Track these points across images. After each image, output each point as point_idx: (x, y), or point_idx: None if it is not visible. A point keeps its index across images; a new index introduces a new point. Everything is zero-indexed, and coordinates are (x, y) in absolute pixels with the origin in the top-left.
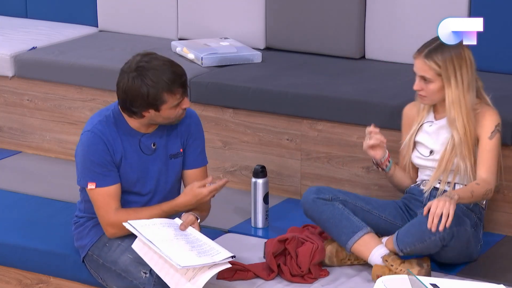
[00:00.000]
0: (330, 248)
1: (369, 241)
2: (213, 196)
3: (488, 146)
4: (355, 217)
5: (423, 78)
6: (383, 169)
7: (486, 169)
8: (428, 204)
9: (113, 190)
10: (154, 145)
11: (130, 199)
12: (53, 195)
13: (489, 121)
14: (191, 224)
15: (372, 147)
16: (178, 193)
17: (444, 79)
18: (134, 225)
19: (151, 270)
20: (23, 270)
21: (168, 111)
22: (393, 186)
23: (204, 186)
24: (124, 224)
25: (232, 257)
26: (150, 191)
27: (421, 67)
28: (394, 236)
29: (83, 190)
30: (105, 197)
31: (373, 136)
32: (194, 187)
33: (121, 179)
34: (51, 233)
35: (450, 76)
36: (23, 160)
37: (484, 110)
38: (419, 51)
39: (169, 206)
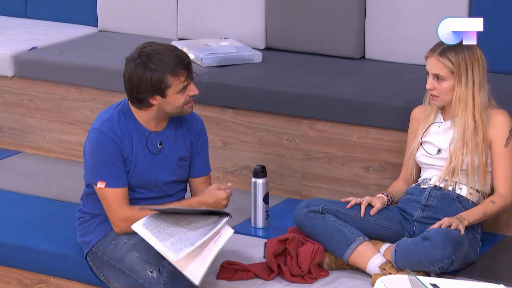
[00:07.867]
0: (328, 255)
1: (365, 251)
2: (227, 202)
3: (504, 155)
4: (348, 228)
5: (436, 77)
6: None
7: (503, 181)
8: (439, 222)
9: (123, 190)
10: (160, 144)
11: (136, 197)
12: (53, 195)
13: (503, 125)
14: None
15: (369, 204)
16: (183, 195)
17: (455, 77)
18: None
19: (159, 269)
20: (23, 270)
21: (175, 97)
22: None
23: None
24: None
25: (229, 215)
26: (157, 192)
27: (435, 64)
28: (392, 251)
29: (90, 185)
30: (116, 195)
31: (359, 201)
32: (213, 189)
33: (128, 176)
34: (51, 233)
35: (462, 75)
36: (23, 160)
37: (495, 112)
38: (432, 50)
39: (186, 204)
